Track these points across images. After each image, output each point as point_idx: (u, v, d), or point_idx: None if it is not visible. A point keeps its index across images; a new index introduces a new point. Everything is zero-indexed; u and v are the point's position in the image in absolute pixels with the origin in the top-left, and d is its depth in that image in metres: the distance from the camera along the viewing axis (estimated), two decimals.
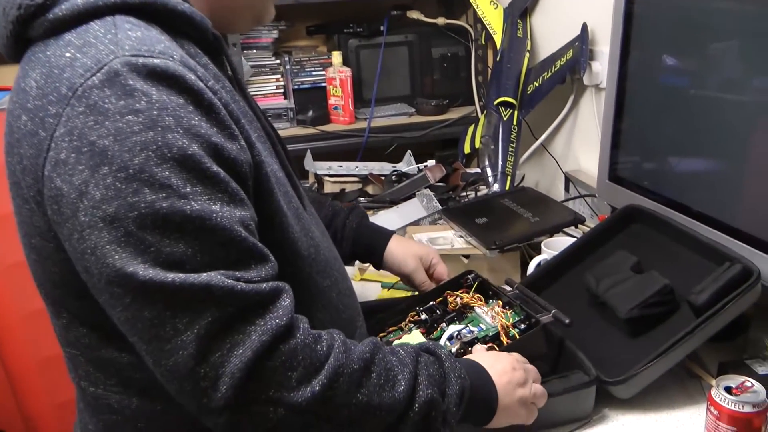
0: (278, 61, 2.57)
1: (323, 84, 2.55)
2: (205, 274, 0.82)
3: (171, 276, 0.81)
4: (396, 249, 1.48)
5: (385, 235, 1.50)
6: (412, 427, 0.95)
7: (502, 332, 1.24)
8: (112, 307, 0.86)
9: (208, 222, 0.83)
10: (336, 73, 2.47)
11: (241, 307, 0.84)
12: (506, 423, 1.09)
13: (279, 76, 2.57)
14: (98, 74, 0.83)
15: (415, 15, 2.65)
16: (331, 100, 2.53)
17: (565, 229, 1.75)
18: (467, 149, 2.32)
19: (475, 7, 2.45)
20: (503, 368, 1.09)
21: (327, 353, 0.89)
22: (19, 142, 0.89)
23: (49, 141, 0.84)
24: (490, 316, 1.30)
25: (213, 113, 0.87)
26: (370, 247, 1.49)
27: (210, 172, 0.84)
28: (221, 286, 0.82)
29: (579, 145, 2.22)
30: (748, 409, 1.01)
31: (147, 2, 0.90)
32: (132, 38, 0.86)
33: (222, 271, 0.83)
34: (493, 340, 1.24)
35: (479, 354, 1.14)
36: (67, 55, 0.86)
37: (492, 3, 2.46)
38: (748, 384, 1.05)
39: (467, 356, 1.13)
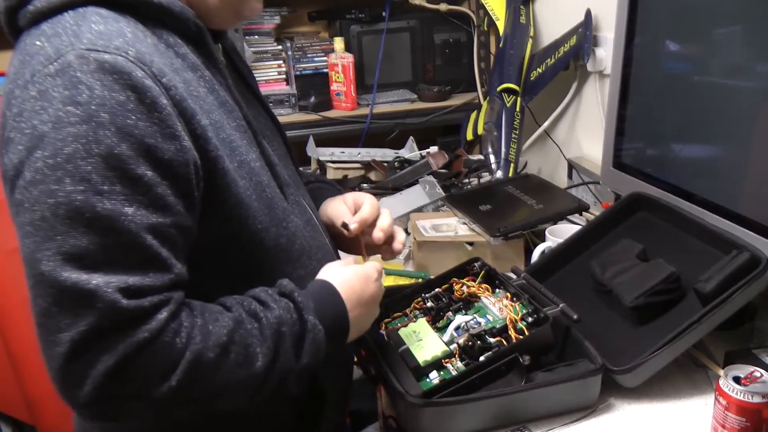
0: (280, 47, 2.56)
1: (325, 70, 2.54)
2: (95, 280, 0.84)
3: (65, 274, 0.84)
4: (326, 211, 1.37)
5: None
6: (268, 391, 0.98)
7: (510, 326, 1.23)
8: (27, 280, 0.89)
9: (115, 223, 0.86)
10: (338, 59, 2.46)
11: (117, 320, 0.85)
12: (363, 328, 1.13)
13: (281, 62, 2.56)
14: (54, 63, 0.87)
15: (417, 1, 2.63)
16: (333, 86, 2.52)
17: (569, 216, 1.75)
18: (470, 136, 2.31)
19: None
20: (349, 281, 1.10)
21: (185, 346, 0.90)
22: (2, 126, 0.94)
23: (4, 120, 0.91)
24: (498, 307, 1.30)
25: (155, 112, 0.88)
26: None
27: (133, 174, 0.87)
28: (106, 298, 0.84)
29: (582, 132, 2.21)
30: (757, 399, 1.01)
31: None
32: (93, 31, 0.89)
33: (114, 276, 0.85)
34: (500, 333, 1.23)
35: (329, 271, 1.12)
36: (37, 43, 0.91)
37: None
38: (758, 374, 1.04)
39: (320, 275, 1.11)
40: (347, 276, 1.10)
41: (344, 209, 1.32)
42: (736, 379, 1.04)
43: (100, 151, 0.85)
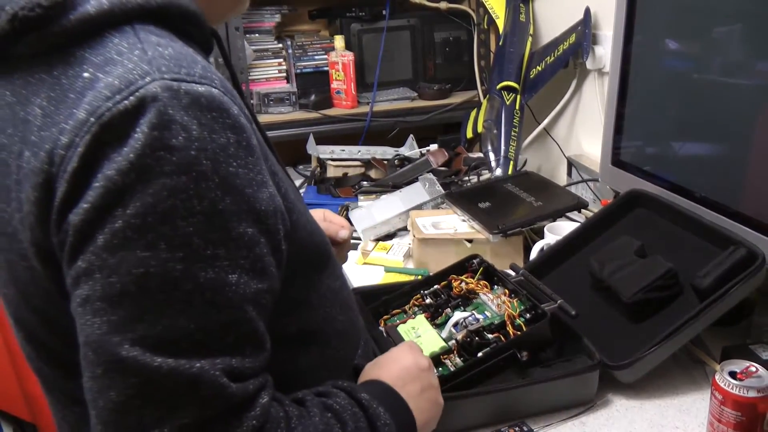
0: (280, 45, 2.56)
1: (325, 68, 2.54)
2: (198, 364, 0.70)
3: (159, 360, 0.69)
4: None
5: None
6: None
7: (508, 322, 1.24)
8: (83, 370, 0.72)
9: (218, 296, 0.72)
10: (338, 57, 2.46)
11: (225, 409, 0.73)
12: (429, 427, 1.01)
13: (281, 60, 2.56)
14: (130, 98, 0.68)
15: None
16: (334, 84, 2.52)
17: (568, 214, 1.75)
18: (470, 134, 2.32)
19: None
20: (412, 377, 0.99)
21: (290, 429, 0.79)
22: (19, 185, 0.74)
23: (59, 176, 0.70)
24: (496, 304, 1.30)
25: (250, 156, 0.74)
26: None
27: (236, 233, 0.73)
28: (212, 383, 0.71)
29: (581, 130, 2.21)
30: (752, 393, 1.01)
31: (164, 5, 0.77)
32: (165, 56, 0.72)
33: (218, 358, 0.72)
34: (498, 329, 1.24)
35: (380, 370, 1.00)
36: (85, 75, 0.71)
37: None
38: (753, 369, 1.05)
39: (365, 375, 1.00)
40: (399, 373, 0.99)
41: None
42: (732, 374, 1.04)
43: (203, 207, 0.70)
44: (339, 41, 2.47)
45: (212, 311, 0.71)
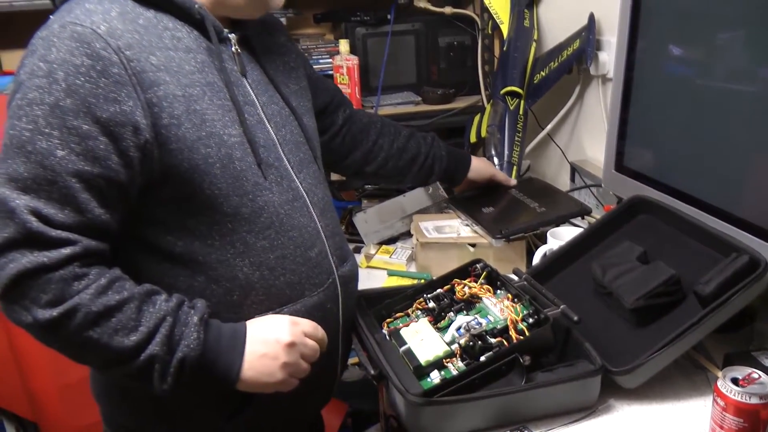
0: None
1: (330, 72, 2.53)
2: (18, 200, 1.04)
3: (2, 189, 1.05)
4: (476, 164, 1.89)
5: (465, 157, 1.89)
6: (134, 369, 1.11)
7: (510, 326, 1.25)
8: None
9: (46, 160, 1.05)
10: (343, 61, 2.46)
11: (27, 237, 1.04)
12: (256, 390, 1.19)
13: None
14: (46, 30, 1.09)
15: (422, 4, 2.64)
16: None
17: (571, 219, 1.76)
18: (473, 138, 2.32)
19: None
20: (265, 342, 1.19)
21: (75, 292, 1.07)
22: None
23: None
24: (499, 308, 1.31)
25: (102, 78, 1.06)
26: (461, 163, 1.88)
27: (70, 124, 1.05)
28: (21, 216, 1.04)
29: (585, 135, 2.22)
30: (755, 400, 1.02)
31: None
32: (83, 9, 1.10)
33: (34, 202, 1.04)
34: (501, 334, 1.25)
35: (255, 323, 1.22)
36: (51, 16, 1.13)
37: None
38: (755, 375, 1.05)
39: (253, 320, 1.22)
40: (259, 332, 1.20)
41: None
42: (734, 381, 1.05)
43: (49, 101, 1.05)
44: (344, 45, 2.47)
45: (39, 168, 1.05)
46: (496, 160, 2.10)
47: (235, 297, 1.22)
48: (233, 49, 1.26)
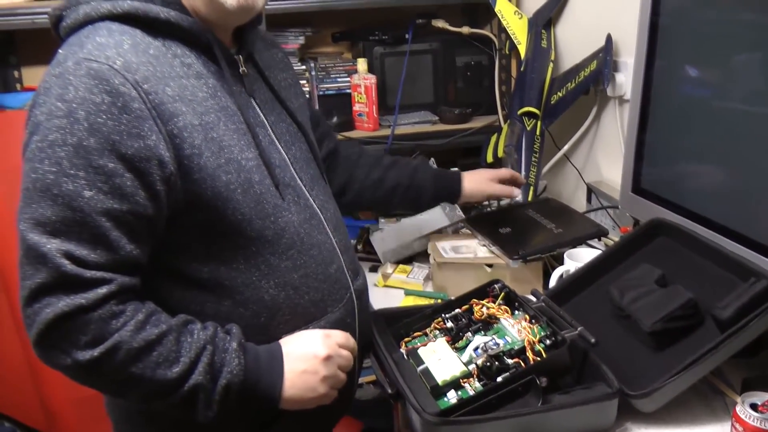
0: (304, 67, 2.58)
1: (348, 90, 2.55)
2: (49, 245, 1.04)
3: (31, 235, 1.04)
4: (470, 186, 1.80)
5: (454, 181, 1.80)
6: (178, 400, 1.11)
7: (528, 348, 1.25)
8: None
9: (74, 202, 1.04)
10: (361, 80, 2.48)
11: (62, 280, 1.04)
12: (300, 406, 1.21)
13: (305, 81, 2.57)
14: (59, 68, 1.08)
15: (439, 24, 2.65)
16: (356, 107, 2.53)
17: (588, 241, 1.76)
18: (490, 158, 2.33)
19: (500, 17, 2.46)
20: (302, 359, 1.20)
21: (116, 329, 1.07)
22: None
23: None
24: (517, 329, 1.31)
25: (124, 114, 1.06)
26: (449, 188, 1.80)
27: (96, 164, 1.05)
28: (54, 261, 1.03)
29: (601, 156, 2.22)
30: None
31: (130, 12, 1.14)
32: (95, 43, 1.10)
33: (66, 245, 1.04)
34: (518, 354, 1.25)
35: (290, 341, 1.23)
36: (60, 51, 1.13)
37: (516, 13, 2.47)
38: None
39: (286, 338, 1.24)
40: (295, 349, 1.21)
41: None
42: (753, 406, 1.05)
43: (72, 141, 1.04)
44: (362, 64, 2.49)
45: (67, 211, 1.04)
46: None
47: (263, 319, 1.23)
48: (241, 69, 1.27)
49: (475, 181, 1.83)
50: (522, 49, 2.39)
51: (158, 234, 1.14)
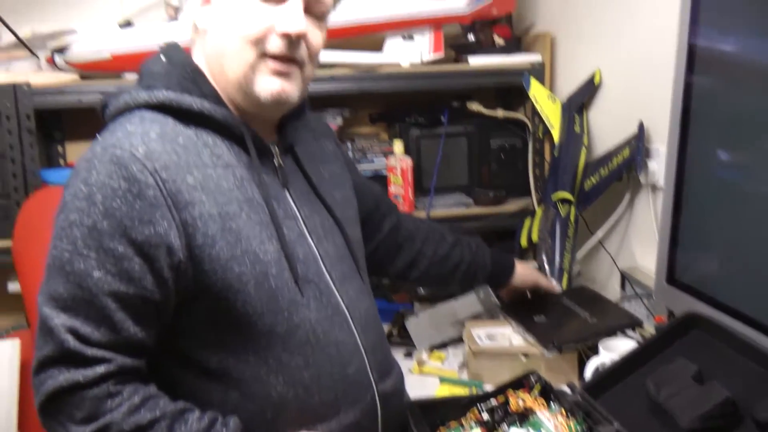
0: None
1: (384, 172, 2.59)
2: (57, 320, 1.09)
3: (44, 308, 1.11)
4: (520, 270, 1.89)
5: (509, 263, 1.89)
6: None
7: None
8: None
9: (83, 281, 1.09)
10: (397, 162, 2.52)
11: (64, 354, 1.09)
12: None
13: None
14: (90, 152, 1.15)
15: (474, 107, 2.70)
16: (392, 188, 2.56)
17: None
18: (524, 242, 2.35)
19: (534, 101, 2.50)
20: None
21: (108, 410, 1.09)
22: None
23: None
24: (553, 424, 1.32)
25: (138, 201, 1.10)
26: (505, 269, 1.88)
27: (107, 246, 1.09)
28: (60, 336, 1.09)
29: (635, 243, 2.23)
30: None
31: (164, 102, 1.21)
32: (124, 131, 1.16)
33: (72, 321, 1.09)
34: None
35: None
36: (98, 136, 1.21)
37: (550, 97, 2.51)
38: None
39: None
40: None
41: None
42: None
43: (88, 223, 1.09)
44: (398, 146, 2.53)
45: (77, 289, 1.09)
46: (547, 266, 2.12)
47: (269, 415, 1.22)
48: (275, 162, 1.30)
49: (525, 268, 1.93)
50: (555, 134, 2.42)
51: (166, 318, 1.17)
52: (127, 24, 2.38)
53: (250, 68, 1.23)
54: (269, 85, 1.24)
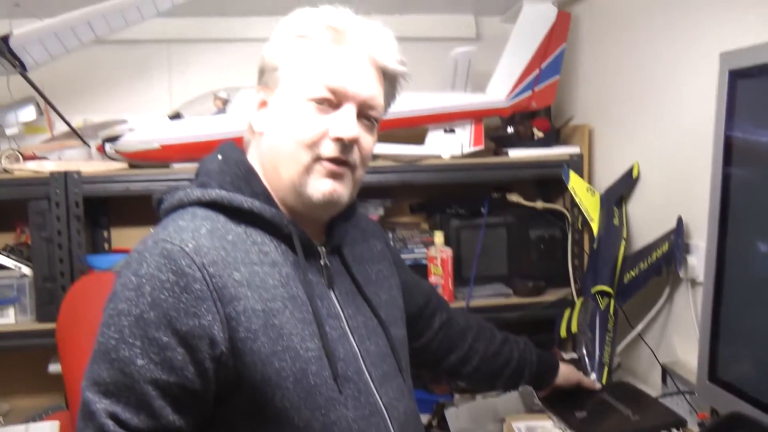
0: None
1: (424, 261, 2.62)
2: (99, 404, 1.12)
3: (87, 392, 1.14)
4: (564, 370, 1.92)
5: (554, 362, 1.93)
6: None
7: None
8: None
9: (127, 368, 1.13)
10: (437, 252, 2.55)
11: None
12: None
13: None
14: (143, 245, 1.20)
15: (514, 198, 2.75)
16: (432, 278, 2.59)
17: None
18: (563, 333, 2.35)
19: (573, 193, 2.54)
20: None
21: None
22: None
23: None
24: None
25: (185, 294, 1.14)
26: (550, 368, 1.91)
27: (151, 335, 1.13)
28: (99, 420, 1.12)
29: (676, 337, 2.22)
30: None
31: (216, 200, 1.26)
32: (176, 226, 1.21)
33: (113, 406, 1.12)
34: None
35: None
36: (151, 230, 1.25)
37: (589, 190, 2.55)
38: None
39: None
40: None
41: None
42: None
43: (135, 313, 1.13)
44: (438, 237, 2.57)
45: (120, 375, 1.13)
46: (587, 359, 2.12)
47: None
48: (321, 262, 1.34)
49: (568, 367, 1.96)
50: (594, 226, 2.44)
51: (205, 409, 1.20)
52: (177, 116, 2.48)
53: (305, 170, 1.29)
54: (322, 186, 1.29)
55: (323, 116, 1.29)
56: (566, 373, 1.93)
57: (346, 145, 1.29)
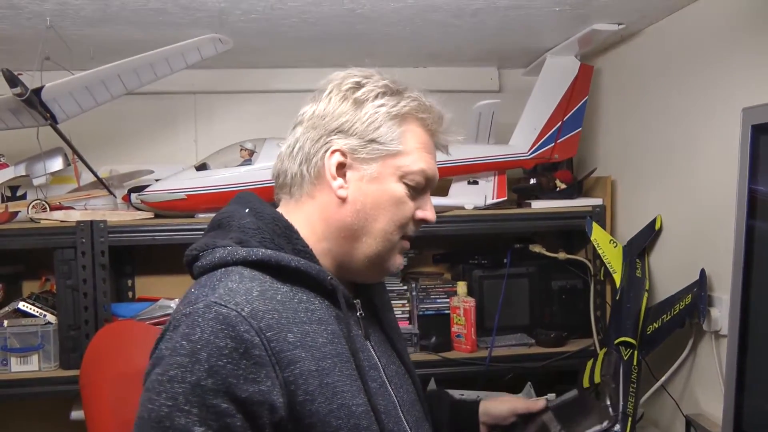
0: (405, 287, 2.71)
1: (447, 311, 2.64)
2: None
3: None
4: (488, 405, 1.77)
5: (471, 406, 1.78)
6: None
7: None
8: None
9: None
10: (460, 302, 2.57)
11: None
12: None
13: (405, 301, 2.69)
14: (190, 307, 1.14)
15: (536, 249, 2.77)
16: (454, 328, 2.61)
17: None
18: (586, 383, 2.34)
19: (595, 245, 2.55)
20: None
21: None
22: None
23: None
24: None
25: (244, 360, 1.11)
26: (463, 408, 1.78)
27: (210, 403, 1.08)
28: None
29: (699, 389, 2.22)
30: None
31: (263, 260, 1.22)
32: (226, 288, 1.17)
33: None
34: None
35: None
36: (193, 290, 1.20)
37: (612, 242, 2.56)
38: None
39: None
40: None
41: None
42: None
43: (191, 380, 1.08)
44: (461, 287, 2.59)
45: None
46: (611, 410, 2.11)
47: None
48: (358, 314, 1.35)
49: (495, 400, 1.80)
50: (617, 278, 2.45)
51: None
52: (203, 166, 2.52)
53: (392, 247, 1.34)
54: (399, 261, 1.38)
55: (413, 200, 1.35)
56: (490, 407, 1.77)
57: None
